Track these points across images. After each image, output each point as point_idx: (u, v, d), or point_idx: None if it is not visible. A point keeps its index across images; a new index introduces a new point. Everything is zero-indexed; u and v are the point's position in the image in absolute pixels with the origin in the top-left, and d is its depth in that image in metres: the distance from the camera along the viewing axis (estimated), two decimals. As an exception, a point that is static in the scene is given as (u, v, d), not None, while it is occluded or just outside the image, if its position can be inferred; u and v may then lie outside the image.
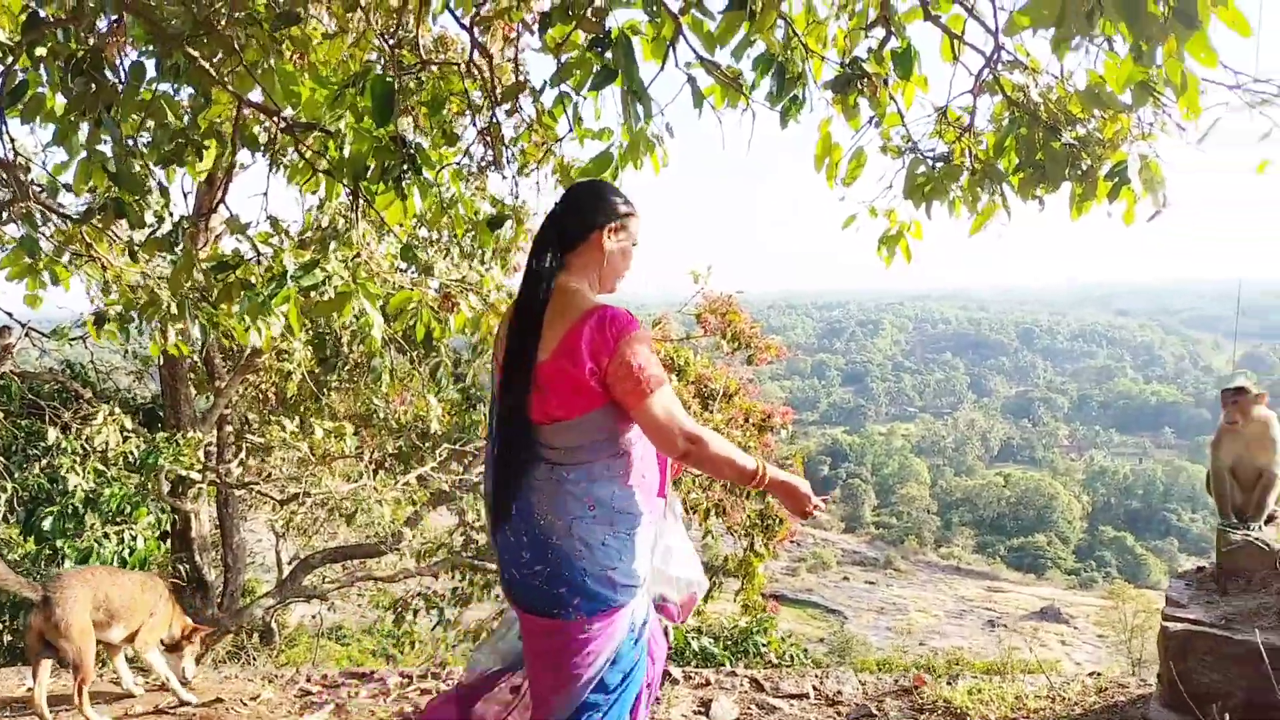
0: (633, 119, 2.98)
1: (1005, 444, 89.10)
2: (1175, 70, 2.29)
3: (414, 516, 10.31)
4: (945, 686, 4.02)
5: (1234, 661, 3.50)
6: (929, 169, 3.30)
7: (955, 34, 3.01)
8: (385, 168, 3.22)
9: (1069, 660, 33.36)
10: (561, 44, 3.01)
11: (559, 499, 2.26)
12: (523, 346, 2.28)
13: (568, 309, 2.26)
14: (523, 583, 2.29)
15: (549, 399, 2.24)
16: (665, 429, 2.22)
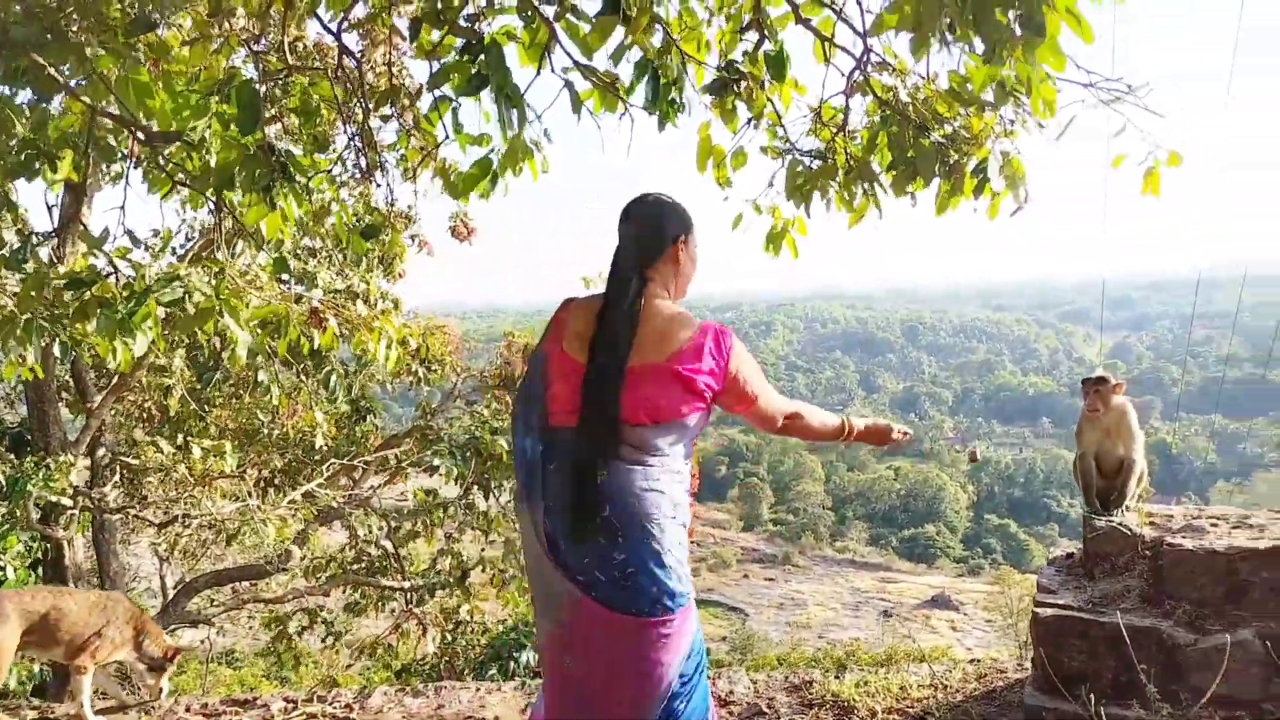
0: (506, 125, 2.96)
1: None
2: (1024, 71, 2.39)
3: (301, 534, 10.04)
4: (834, 680, 4.10)
5: (1101, 644, 3.67)
6: (806, 168, 3.36)
7: (825, 36, 3.07)
8: (254, 177, 3.12)
9: (960, 646, 34.46)
10: (435, 48, 2.96)
11: (652, 498, 2.30)
12: (615, 351, 2.33)
13: (677, 320, 2.40)
14: (610, 584, 2.27)
15: (654, 400, 2.31)
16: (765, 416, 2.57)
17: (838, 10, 3.00)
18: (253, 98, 2.94)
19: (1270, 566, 3.67)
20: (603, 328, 2.37)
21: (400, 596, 9.87)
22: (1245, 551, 3.71)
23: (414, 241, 8.36)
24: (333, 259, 7.19)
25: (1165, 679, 3.55)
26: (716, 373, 2.38)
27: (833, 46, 3.07)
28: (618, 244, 2.50)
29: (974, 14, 2.09)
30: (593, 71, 3.16)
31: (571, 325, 2.46)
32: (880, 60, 3.02)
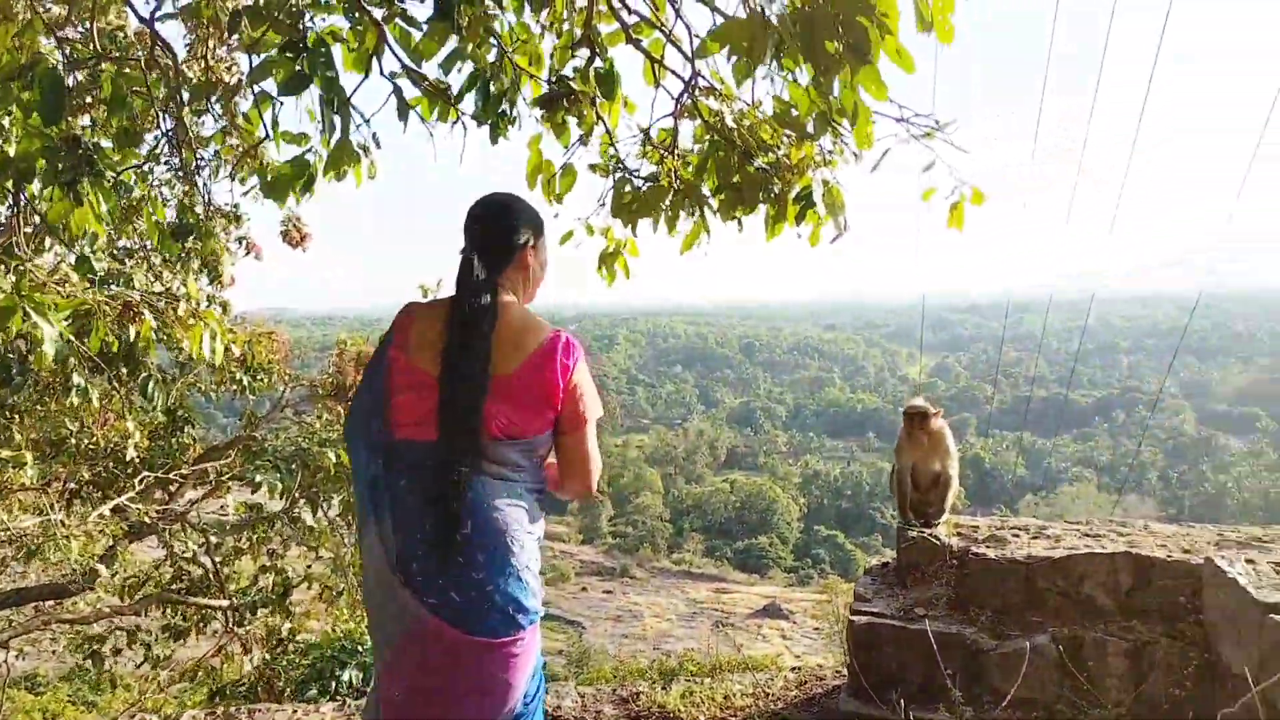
0: (329, 127, 2.86)
1: (731, 452, 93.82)
2: (850, 100, 2.48)
3: (110, 551, 9.41)
4: (661, 692, 4.15)
5: (910, 649, 3.86)
6: (635, 189, 3.38)
7: (655, 58, 3.10)
8: (57, 169, 2.91)
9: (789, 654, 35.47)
10: (256, 43, 2.83)
11: (513, 514, 2.23)
12: (474, 359, 2.22)
13: (529, 327, 2.30)
14: (465, 604, 2.16)
15: (514, 413, 2.22)
16: (589, 461, 2.36)
17: (667, 33, 3.05)
18: (57, 85, 2.74)
19: (1063, 575, 3.94)
20: (459, 337, 2.25)
21: (221, 615, 9.40)
22: (1041, 561, 3.98)
23: (241, 245, 7.99)
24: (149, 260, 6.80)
25: (969, 682, 3.76)
26: (566, 381, 2.28)
27: (662, 69, 3.11)
28: (465, 247, 2.37)
29: (802, 40, 2.15)
30: (422, 78, 3.11)
31: (417, 333, 2.32)
32: (708, 85, 3.08)
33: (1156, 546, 4.02)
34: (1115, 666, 3.69)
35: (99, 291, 3.58)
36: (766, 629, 45.52)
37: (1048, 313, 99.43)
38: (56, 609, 10.26)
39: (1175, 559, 3.84)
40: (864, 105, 2.49)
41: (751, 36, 2.16)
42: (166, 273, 6.73)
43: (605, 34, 3.10)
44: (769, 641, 41.61)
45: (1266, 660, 3.08)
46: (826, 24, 2.09)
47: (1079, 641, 3.74)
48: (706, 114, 3.05)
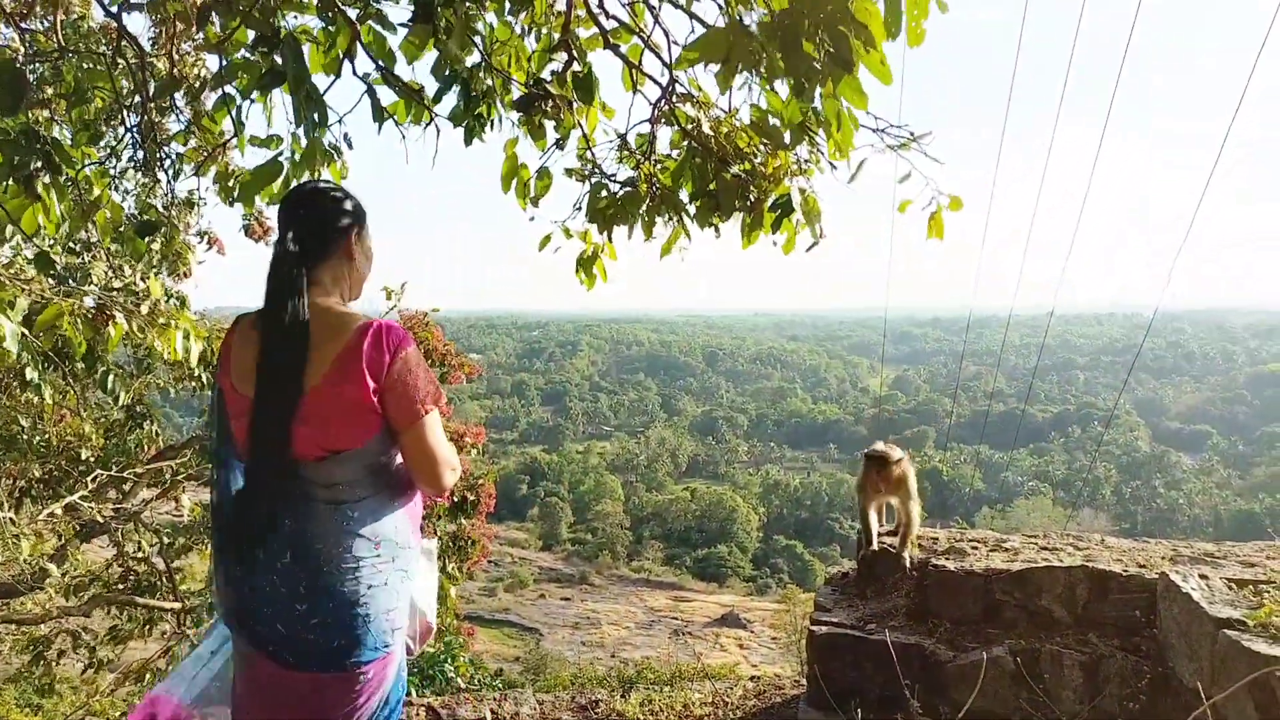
0: (307, 126, 2.82)
1: (692, 460, 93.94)
2: (832, 109, 2.48)
3: (60, 550, 9.23)
4: (619, 699, 4.14)
5: (870, 660, 3.88)
6: (611, 194, 3.36)
7: (633, 64, 3.11)
8: (14, 164, 2.84)
9: (746, 663, 35.58)
10: (224, 41, 2.79)
11: (345, 541, 2.04)
12: (282, 372, 2.02)
13: (335, 327, 2.07)
14: (291, 636, 2.01)
15: (327, 428, 2.02)
16: (433, 458, 2.12)
17: (645, 39, 3.05)
18: (16, 77, 2.69)
19: (1021, 587, 3.98)
20: (268, 356, 2.06)
21: (171, 617, 9.24)
22: (1000, 573, 4.02)
23: (204, 239, 7.89)
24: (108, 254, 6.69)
25: (928, 693, 3.79)
26: (381, 375, 2.05)
27: (640, 75, 3.11)
28: (276, 242, 2.17)
29: (782, 49, 2.14)
30: (397, 79, 3.09)
31: (238, 356, 2.14)
32: (685, 92, 3.09)
33: (1113, 561, 4.07)
34: (1071, 679, 3.73)
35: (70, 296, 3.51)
36: (724, 638, 45.62)
37: (1007, 328, 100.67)
38: (2, 609, 10.05)
39: (1131, 573, 3.90)
40: (848, 114, 2.49)
41: (730, 46, 2.16)
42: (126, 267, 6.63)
43: (584, 38, 3.09)
44: (727, 651, 41.70)
45: (1218, 674, 3.13)
46: (808, 33, 2.08)
47: (1036, 654, 3.78)
48: (684, 120, 3.04)
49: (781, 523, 74.49)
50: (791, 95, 2.49)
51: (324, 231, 2.18)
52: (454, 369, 10.09)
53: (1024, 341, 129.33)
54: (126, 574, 9.54)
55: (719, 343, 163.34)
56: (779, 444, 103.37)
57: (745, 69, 2.26)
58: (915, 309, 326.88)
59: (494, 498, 9.54)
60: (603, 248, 3.62)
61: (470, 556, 9.81)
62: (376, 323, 2.09)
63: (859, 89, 2.33)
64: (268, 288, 2.11)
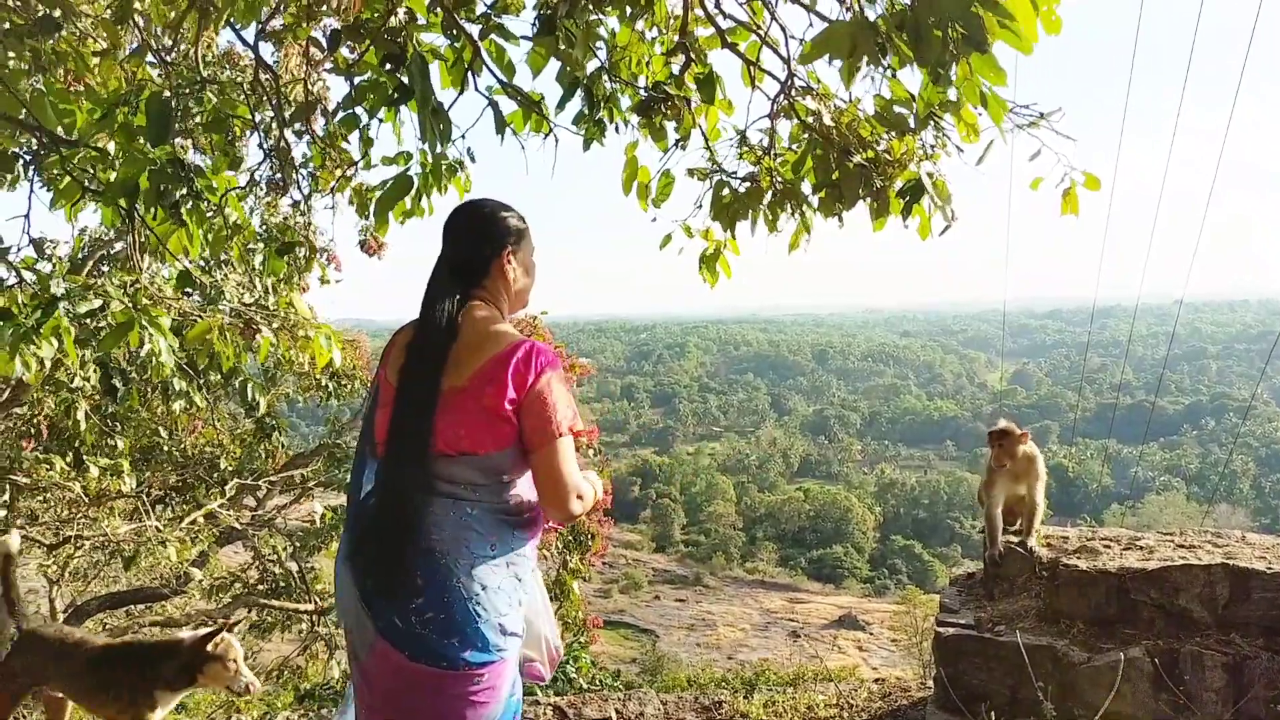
0: (432, 141, 2.93)
1: (804, 460, 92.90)
2: (972, 91, 2.44)
3: (201, 555, 9.73)
4: (742, 700, 4.15)
5: (999, 662, 3.79)
6: (733, 190, 3.37)
7: (751, 61, 3.12)
8: (161, 191, 3.03)
9: (866, 665, 35.03)
10: (353, 65, 2.92)
11: (463, 536, 2.10)
12: (425, 371, 2.13)
13: (489, 337, 2.17)
14: (407, 631, 2.06)
15: (460, 429, 2.10)
16: (561, 483, 2.13)
17: (762, 36, 3.06)
18: (163, 109, 2.86)
19: (1158, 586, 3.84)
20: (415, 350, 2.19)
21: (306, 619, 9.64)
22: (1135, 572, 3.88)
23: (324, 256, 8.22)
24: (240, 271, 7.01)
25: (1060, 696, 3.68)
26: (522, 391, 2.11)
27: (760, 71, 3.12)
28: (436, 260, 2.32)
29: (911, 37, 2.12)
30: (518, 91, 3.17)
31: (396, 350, 2.28)
32: (805, 85, 3.08)
33: (1255, 558, 3.89)
34: (1213, 680, 3.58)
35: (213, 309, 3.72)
36: (843, 639, 45.02)
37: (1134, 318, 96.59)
38: (147, 613, 10.64)
39: (1275, 571, 3.72)
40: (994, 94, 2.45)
41: (854, 40, 2.15)
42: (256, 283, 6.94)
43: (702, 38, 3.13)
44: (845, 653, 41.12)
45: (1378, 678, 2.97)
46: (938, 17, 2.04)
47: (1175, 655, 3.63)
48: (803, 113, 3.04)
49: (898, 522, 73.01)
50: (925, 80, 2.46)
51: (475, 250, 2.30)
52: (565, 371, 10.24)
53: (1151, 331, 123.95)
54: (263, 577, 10.01)
55: (828, 340, 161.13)
56: (893, 442, 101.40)
57: (870, 62, 2.24)
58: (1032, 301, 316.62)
59: (609, 494, 9.65)
60: (725, 244, 3.63)
61: (590, 549, 9.93)
62: (530, 342, 2.17)
63: (995, 66, 2.29)
64: (424, 295, 2.26)
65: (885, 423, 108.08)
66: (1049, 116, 2.59)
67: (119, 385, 7.27)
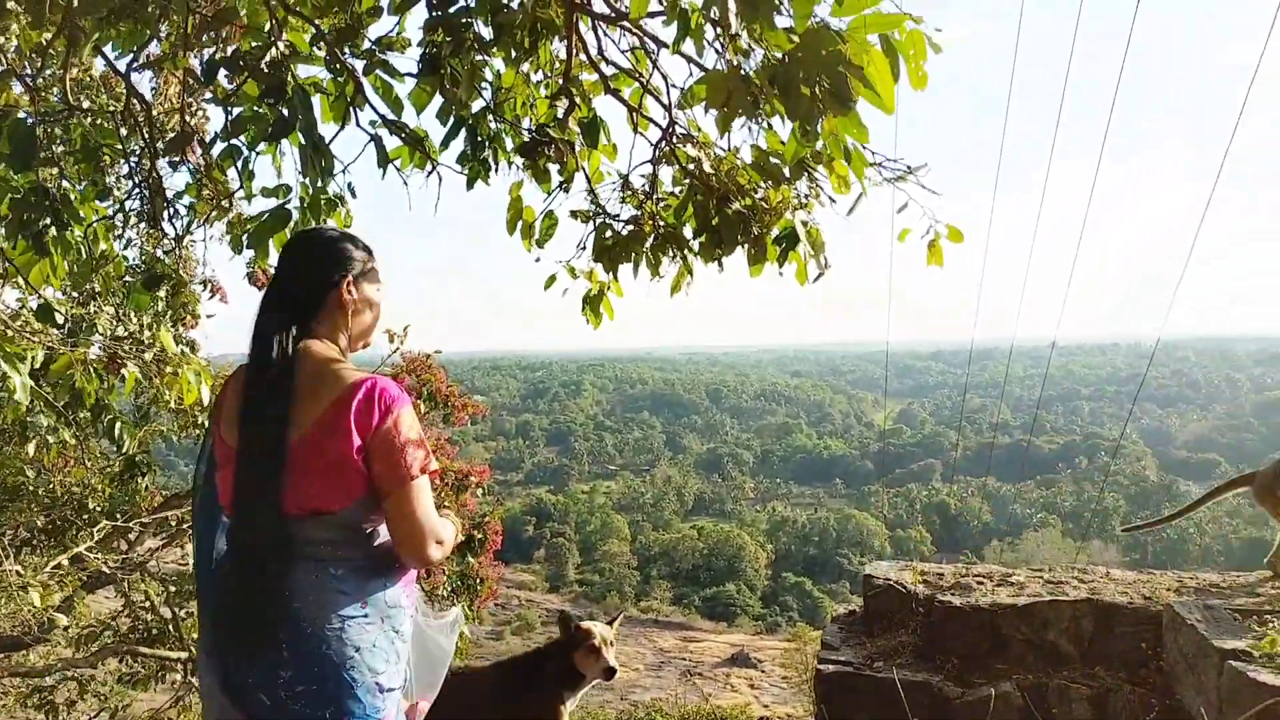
0: (313, 175, 2.88)
1: (698, 498, 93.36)
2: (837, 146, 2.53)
3: (67, 601, 9.19)
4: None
5: (878, 698, 3.87)
6: (615, 233, 3.40)
7: (634, 107, 3.19)
8: (24, 220, 2.90)
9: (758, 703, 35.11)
10: (232, 96, 2.86)
11: (329, 600, 1.96)
12: (264, 425, 1.95)
13: (327, 379, 2.01)
14: (277, 707, 1.91)
15: (308, 486, 1.95)
16: (418, 529, 2.00)
17: (645, 83, 3.13)
18: (27, 135, 2.75)
19: (1027, 622, 3.98)
20: (248, 400, 2.01)
21: (180, 667, 9.19)
22: (1005, 608, 4.02)
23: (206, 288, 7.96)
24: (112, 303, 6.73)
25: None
26: (359, 440, 1.96)
27: (642, 118, 3.18)
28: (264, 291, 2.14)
29: (781, 91, 2.18)
30: (402, 127, 3.16)
31: (229, 400, 2.09)
32: (685, 132, 3.16)
33: (1118, 593, 4.08)
34: (1079, 713, 3.72)
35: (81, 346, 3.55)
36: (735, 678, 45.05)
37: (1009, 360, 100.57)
38: (6, 661, 9.99)
39: (1136, 606, 3.90)
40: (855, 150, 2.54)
41: (730, 90, 2.21)
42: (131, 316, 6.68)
43: (586, 83, 3.17)
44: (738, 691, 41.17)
45: (1225, 705, 3.13)
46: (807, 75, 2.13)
47: (1043, 688, 3.78)
48: (684, 160, 3.10)
49: (790, 560, 73.90)
50: (793, 134, 2.54)
51: (311, 279, 2.13)
52: (458, 410, 10.12)
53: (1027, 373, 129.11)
54: (135, 624, 9.51)
55: (722, 380, 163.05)
56: (785, 480, 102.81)
57: (744, 113, 2.30)
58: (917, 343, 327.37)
59: (501, 535, 9.53)
60: (609, 286, 3.66)
61: (480, 594, 9.78)
62: (372, 379, 2.03)
63: (859, 124, 2.37)
64: (254, 333, 2.07)
65: (777, 461, 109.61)
66: (916, 171, 2.71)
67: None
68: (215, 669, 2.01)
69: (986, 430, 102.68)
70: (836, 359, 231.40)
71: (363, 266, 2.20)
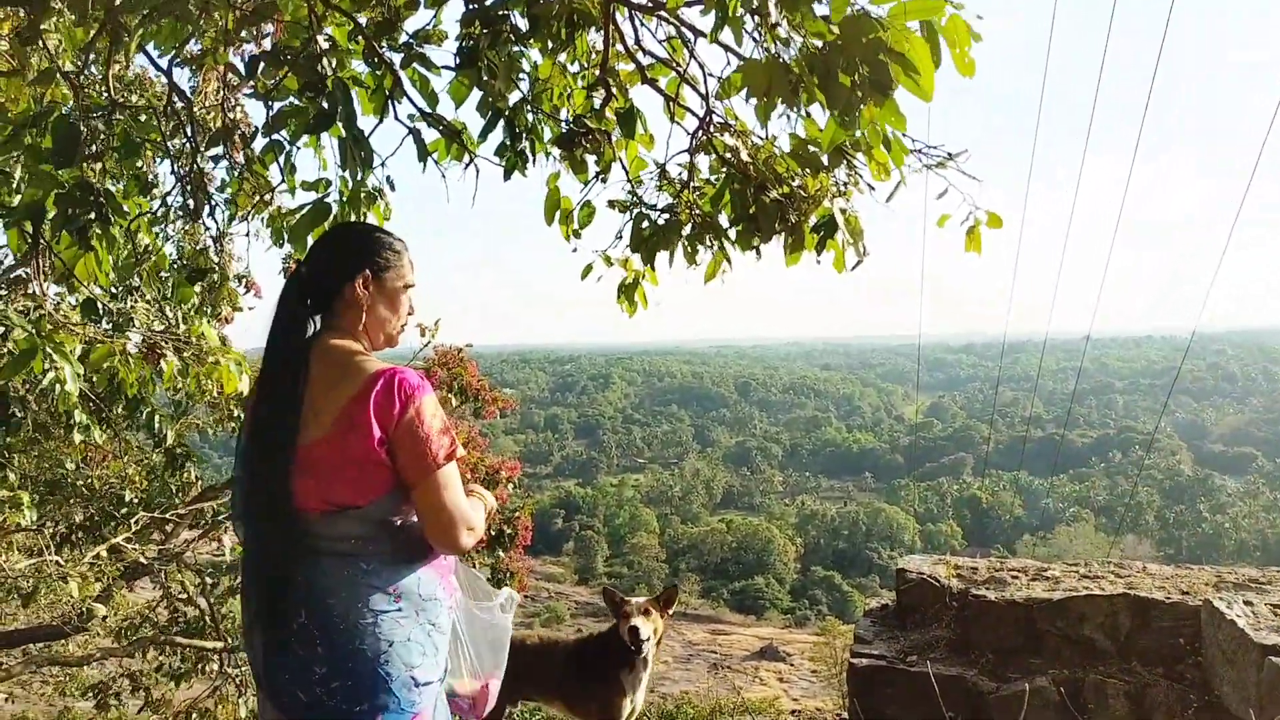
0: (353, 169, 2.90)
1: (727, 491, 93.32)
2: (875, 134, 2.52)
3: (106, 592, 9.33)
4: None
5: (911, 692, 3.86)
6: (652, 223, 3.40)
7: (671, 97, 3.18)
8: (69, 215, 2.94)
9: (787, 696, 35.11)
10: (272, 90, 2.89)
11: (360, 594, 1.94)
12: (278, 421, 1.93)
13: (345, 373, 1.98)
14: (313, 704, 1.91)
15: (331, 482, 1.93)
16: (447, 516, 1.97)
17: (681, 73, 3.13)
18: (71, 131, 2.79)
19: (1063, 617, 3.95)
20: (263, 399, 2.00)
21: (216, 658, 9.32)
22: (1041, 603, 3.99)
23: (241, 283, 8.04)
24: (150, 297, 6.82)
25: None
26: (390, 426, 1.94)
27: (679, 108, 3.18)
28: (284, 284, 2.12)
29: (821, 79, 2.18)
30: (439, 120, 3.17)
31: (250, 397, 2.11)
32: (722, 121, 3.15)
33: (1155, 588, 4.03)
34: (1116, 709, 3.69)
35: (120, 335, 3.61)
36: (764, 671, 45.11)
37: (1043, 353, 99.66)
38: (45, 651, 10.16)
39: (1174, 601, 3.86)
40: (895, 138, 2.53)
41: (770, 79, 2.21)
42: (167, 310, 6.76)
43: (623, 73, 3.17)
44: (766, 684, 41.21)
45: (1265, 701, 3.09)
46: (847, 63, 2.12)
47: (1079, 684, 3.75)
48: (722, 149, 3.09)
49: (819, 553, 73.76)
50: (831, 121, 2.53)
51: (328, 274, 2.11)
52: (488, 404, 10.19)
53: (1060, 366, 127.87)
54: (173, 615, 9.64)
55: (751, 373, 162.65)
56: (814, 474, 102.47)
57: (784, 101, 2.29)
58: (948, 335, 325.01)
59: (530, 530, 9.58)
60: (644, 275, 3.66)
61: (510, 587, 9.84)
62: (391, 369, 1.99)
63: (897, 111, 2.37)
64: (271, 327, 2.07)
65: (806, 454, 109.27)
66: (956, 158, 2.69)
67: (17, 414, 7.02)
68: (254, 663, 2.04)
69: (1019, 424, 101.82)
70: (866, 352, 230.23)
71: (386, 262, 2.16)
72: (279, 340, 2.04)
